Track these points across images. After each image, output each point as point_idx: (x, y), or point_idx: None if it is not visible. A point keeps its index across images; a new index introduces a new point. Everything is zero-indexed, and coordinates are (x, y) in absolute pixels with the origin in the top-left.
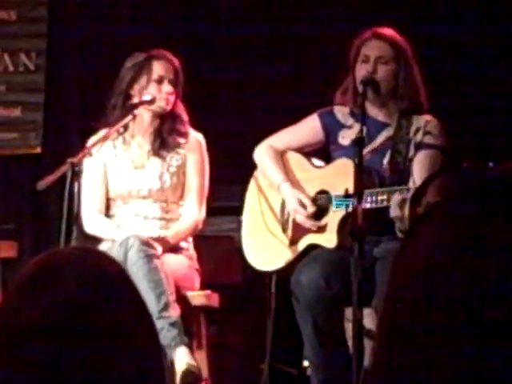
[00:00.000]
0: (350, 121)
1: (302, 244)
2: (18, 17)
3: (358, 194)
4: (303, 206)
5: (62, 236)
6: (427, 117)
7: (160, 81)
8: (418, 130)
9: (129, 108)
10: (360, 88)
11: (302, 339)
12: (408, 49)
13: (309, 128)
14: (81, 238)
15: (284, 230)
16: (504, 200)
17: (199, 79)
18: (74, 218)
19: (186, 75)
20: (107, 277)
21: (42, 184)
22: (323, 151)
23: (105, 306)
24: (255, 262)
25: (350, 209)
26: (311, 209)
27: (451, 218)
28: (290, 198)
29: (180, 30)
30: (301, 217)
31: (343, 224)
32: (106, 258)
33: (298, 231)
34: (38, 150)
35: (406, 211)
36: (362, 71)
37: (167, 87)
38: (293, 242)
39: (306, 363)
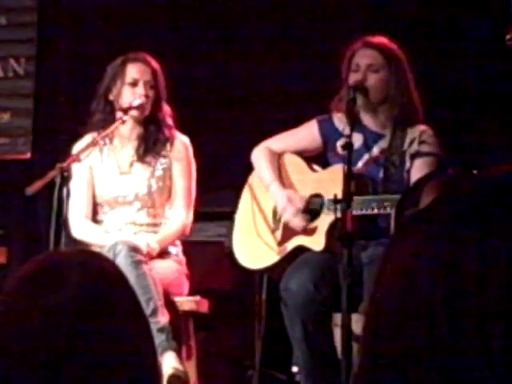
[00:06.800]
0: (348, 129)
1: (291, 245)
2: (7, 22)
3: (347, 199)
4: (291, 201)
5: (50, 241)
6: (422, 127)
7: (134, 84)
8: (412, 141)
9: (118, 112)
10: (350, 94)
11: (290, 344)
12: (400, 56)
13: (307, 134)
14: (70, 244)
15: (274, 230)
16: (484, 207)
17: (189, 83)
18: (63, 224)
19: (176, 78)
20: (106, 277)
21: (31, 189)
22: (322, 158)
23: (104, 306)
24: (244, 259)
25: (339, 214)
26: (300, 204)
27: (434, 224)
28: (279, 197)
29: (170, 33)
30: (289, 213)
31: (333, 228)
32: (103, 259)
33: (288, 233)
34: (28, 155)
35: None
36: (352, 80)
37: (141, 89)
38: (282, 242)
39: (295, 369)
